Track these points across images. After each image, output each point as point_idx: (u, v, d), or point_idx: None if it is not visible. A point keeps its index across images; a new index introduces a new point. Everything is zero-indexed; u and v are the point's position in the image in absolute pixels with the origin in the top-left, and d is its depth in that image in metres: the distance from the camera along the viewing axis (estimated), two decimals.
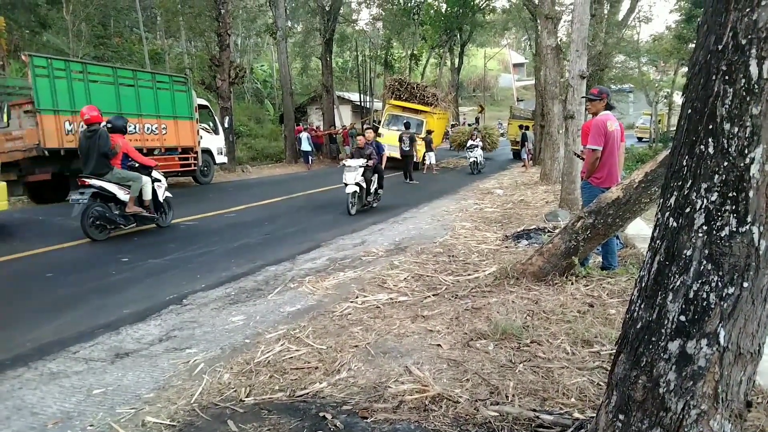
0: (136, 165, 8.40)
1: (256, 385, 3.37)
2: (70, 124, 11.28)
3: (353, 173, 10.37)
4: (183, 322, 4.69)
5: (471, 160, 20.10)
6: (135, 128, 13.02)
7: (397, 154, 19.83)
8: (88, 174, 7.79)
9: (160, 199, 8.63)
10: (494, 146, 25.03)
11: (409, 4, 32.08)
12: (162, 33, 30.72)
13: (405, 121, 19.53)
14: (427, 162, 19.99)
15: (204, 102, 17.92)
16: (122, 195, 7.96)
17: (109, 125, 8.10)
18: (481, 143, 21.10)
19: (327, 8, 26.40)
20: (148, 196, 8.34)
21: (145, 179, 8.32)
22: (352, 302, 4.96)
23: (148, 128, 13.47)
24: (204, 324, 4.63)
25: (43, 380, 3.58)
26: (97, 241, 7.72)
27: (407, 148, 17.37)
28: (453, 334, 4.06)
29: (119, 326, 4.58)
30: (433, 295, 5.08)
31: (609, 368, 2.28)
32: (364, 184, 10.64)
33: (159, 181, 8.65)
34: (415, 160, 20.23)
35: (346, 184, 10.36)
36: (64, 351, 4.07)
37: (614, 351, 2.23)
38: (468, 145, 20.82)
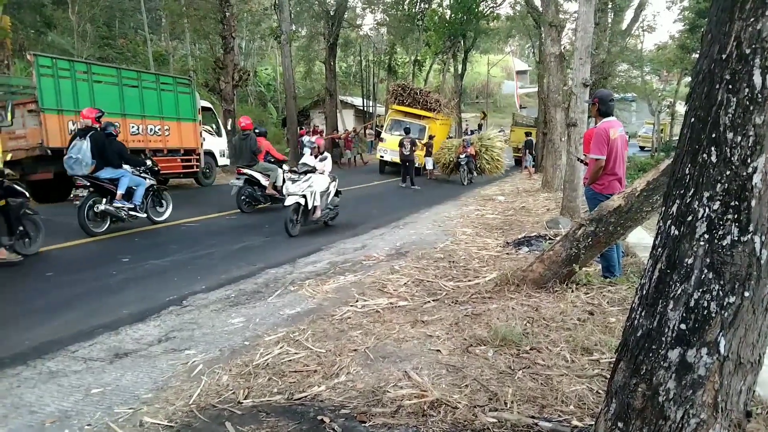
0: (272, 160, 11.38)
1: (254, 387, 3.36)
2: (73, 124, 11.29)
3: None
4: (182, 323, 4.69)
5: (462, 170, 18.25)
6: (138, 129, 13.04)
7: (398, 159, 19.89)
8: (242, 165, 10.77)
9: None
10: (494, 170, 19.12)
11: (413, 10, 32.14)
12: (167, 35, 30.82)
13: (405, 126, 19.54)
14: (428, 167, 19.99)
15: (207, 104, 17.95)
16: (264, 181, 10.76)
17: (257, 131, 11.32)
18: (472, 152, 18.37)
19: (331, 13, 26.51)
20: (280, 182, 10.60)
21: (279, 170, 10.88)
22: (351, 306, 4.96)
23: (151, 129, 13.49)
24: (203, 325, 4.63)
25: (41, 379, 3.58)
26: (99, 240, 7.74)
27: (407, 153, 17.24)
28: (452, 339, 4.06)
29: (118, 326, 4.58)
30: (433, 301, 5.07)
31: (608, 376, 2.28)
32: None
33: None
34: (417, 165, 20.31)
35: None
36: (63, 350, 4.06)
37: (614, 359, 2.23)
38: (458, 159, 18.43)
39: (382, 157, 20.55)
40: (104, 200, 8.15)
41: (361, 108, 37.80)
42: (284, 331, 4.35)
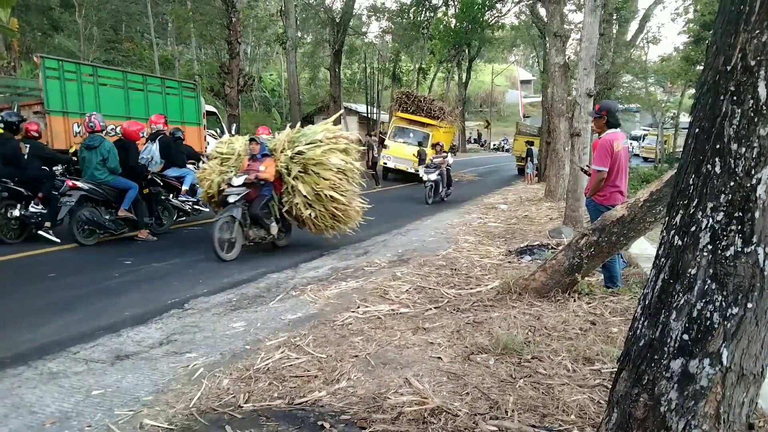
0: None
1: (255, 391, 3.36)
2: (78, 126, 11.33)
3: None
4: (184, 327, 4.69)
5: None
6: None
7: (403, 167, 19.91)
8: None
9: None
10: (327, 224, 8.19)
11: (418, 19, 32.28)
12: (173, 39, 31.00)
13: (410, 133, 19.63)
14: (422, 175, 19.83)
15: (212, 108, 18.00)
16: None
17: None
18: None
19: (337, 20, 26.61)
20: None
21: None
22: (353, 312, 4.95)
23: None
24: (205, 329, 4.63)
25: (42, 379, 3.58)
26: (101, 243, 7.77)
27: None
28: (454, 347, 4.05)
29: (120, 328, 4.58)
30: (435, 308, 5.06)
31: (610, 386, 2.27)
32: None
33: None
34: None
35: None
36: (64, 351, 4.07)
37: (615, 369, 2.23)
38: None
39: (385, 164, 20.57)
40: (171, 195, 9.13)
41: (365, 115, 37.89)
42: (285, 336, 4.35)
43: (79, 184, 7.49)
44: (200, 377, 3.60)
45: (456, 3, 33.60)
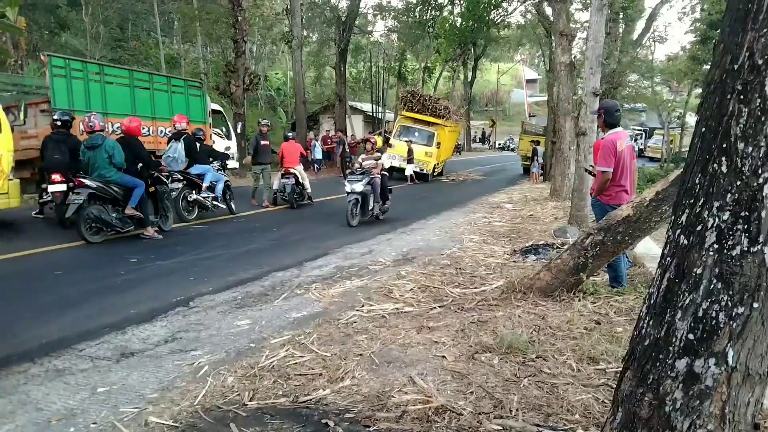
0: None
1: (259, 389, 3.37)
2: (147, 129, 11.44)
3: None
4: (189, 324, 4.71)
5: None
6: (149, 131, 13.12)
7: (405, 165, 19.92)
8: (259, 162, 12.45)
9: None
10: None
11: (424, 17, 32.22)
12: (179, 38, 31.06)
13: (414, 132, 19.77)
14: (407, 173, 19.82)
15: (218, 107, 18.05)
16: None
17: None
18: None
19: (343, 19, 26.60)
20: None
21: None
22: (357, 311, 4.96)
23: (161, 131, 13.56)
24: (210, 327, 4.65)
25: (48, 377, 3.60)
26: (107, 240, 7.80)
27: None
28: (458, 346, 4.05)
29: (125, 326, 4.60)
30: (439, 307, 5.06)
31: (614, 386, 2.26)
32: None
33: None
34: (424, 171, 20.31)
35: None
36: (70, 348, 4.09)
37: (620, 368, 2.22)
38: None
39: (390, 162, 20.58)
40: (193, 191, 9.90)
41: (371, 114, 37.89)
42: (290, 334, 4.36)
43: (86, 182, 7.52)
44: (205, 375, 3.61)
45: (462, 2, 33.49)
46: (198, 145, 10.43)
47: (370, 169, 10.49)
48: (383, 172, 11.06)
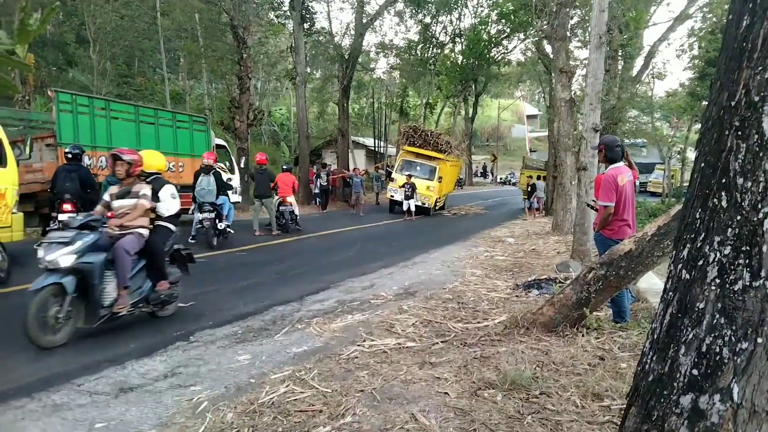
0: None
1: (259, 426, 3.32)
2: (89, 159, 11.49)
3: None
4: (189, 359, 4.67)
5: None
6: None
7: (398, 198, 20.02)
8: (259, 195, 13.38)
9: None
10: None
11: (426, 55, 32.81)
12: (184, 74, 31.53)
13: (416, 166, 19.95)
14: (404, 208, 19.69)
15: (222, 142, 18.23)
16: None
17: (284, 167, 14.97)
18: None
19: (346, 56, 27.08)
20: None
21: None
22: (359, 346, 4.92)
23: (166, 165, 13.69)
24: (210, 362, 4.60)
25: (45, 412, 3.56)
26: None
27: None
28: (461, 382, 4.00)
29: (125, 360, 4.57)
30: (442, 342, 5.02)
31: (619, 423, 2.23)
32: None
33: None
34: (426, 205, 20.36)
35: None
36: (68, 383, 4.05)
37: (625, 405, 2.19)
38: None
39: (392, 196, 20.67)
40: (216, 220, 10.88)
41: (373, 148, 38.24)
42: (290, 370, 4.31)
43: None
44: (204, 411, 3.57)
45: (463, 40, 34.18)
46: (221, 179, 11.71)
47: (123, 214, 5.50)
48: (164, 223, 5.88)
